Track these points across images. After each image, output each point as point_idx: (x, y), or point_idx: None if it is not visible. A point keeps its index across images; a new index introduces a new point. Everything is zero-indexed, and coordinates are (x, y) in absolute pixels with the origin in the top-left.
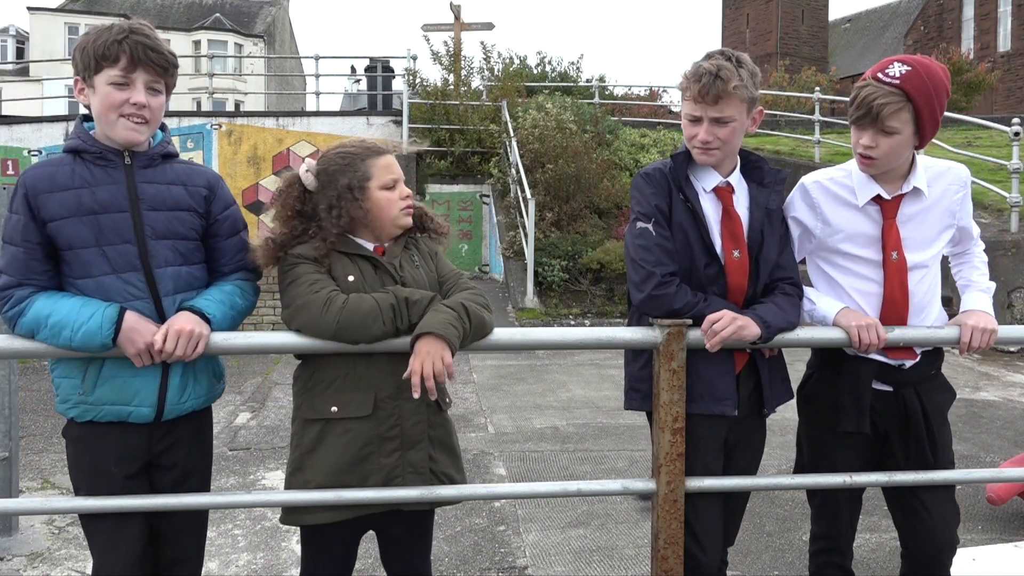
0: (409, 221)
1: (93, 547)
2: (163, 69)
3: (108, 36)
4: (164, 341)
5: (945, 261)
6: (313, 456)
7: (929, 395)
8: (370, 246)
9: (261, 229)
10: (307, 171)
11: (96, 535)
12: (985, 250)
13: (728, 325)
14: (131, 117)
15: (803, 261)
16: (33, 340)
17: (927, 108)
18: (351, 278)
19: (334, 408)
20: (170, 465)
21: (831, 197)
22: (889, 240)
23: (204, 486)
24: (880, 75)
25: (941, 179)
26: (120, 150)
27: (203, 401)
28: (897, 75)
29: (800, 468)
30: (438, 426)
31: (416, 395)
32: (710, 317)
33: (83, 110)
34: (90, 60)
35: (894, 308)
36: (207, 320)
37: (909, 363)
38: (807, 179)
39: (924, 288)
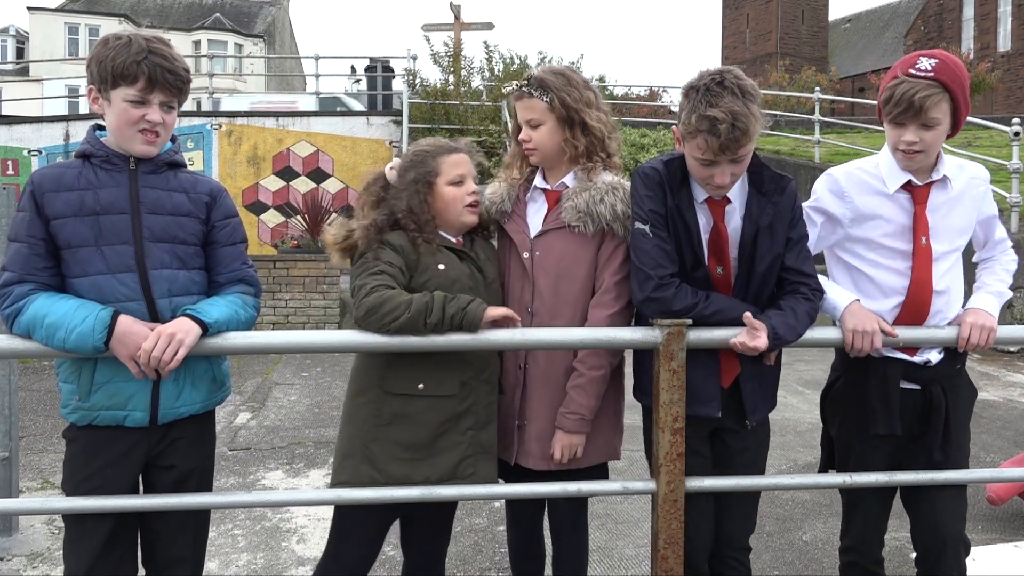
0: (474, 219)
1: (64, 544)
2: (178, 89)
3: (127, 55)
4: (153, 338)
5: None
6: (390, 429)
7: (955, 392)
8: (451, 238)
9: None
10: (391, 168)
11: (69, 531)
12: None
13: (742, 341)
14: (145, 133)
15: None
16: (31, 340)
17: (961, 95)
18: (441, 267)
19: (421, 385)
20: (168, 465)
21: (860, 185)
22: (919, 226)
23: (205, 488)
24: (912, 71)
25: (963, 172)
26: (126, 155)
27: (201, 407)
28: (929, 68)
29: (824, 467)
30: (497, 410)
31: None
32: (732, 341)
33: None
34: (107, 75)
35: (920, 296)
36: (205, 325)
37: (935, 360)
38: (834, 169)
39: (948, 280)
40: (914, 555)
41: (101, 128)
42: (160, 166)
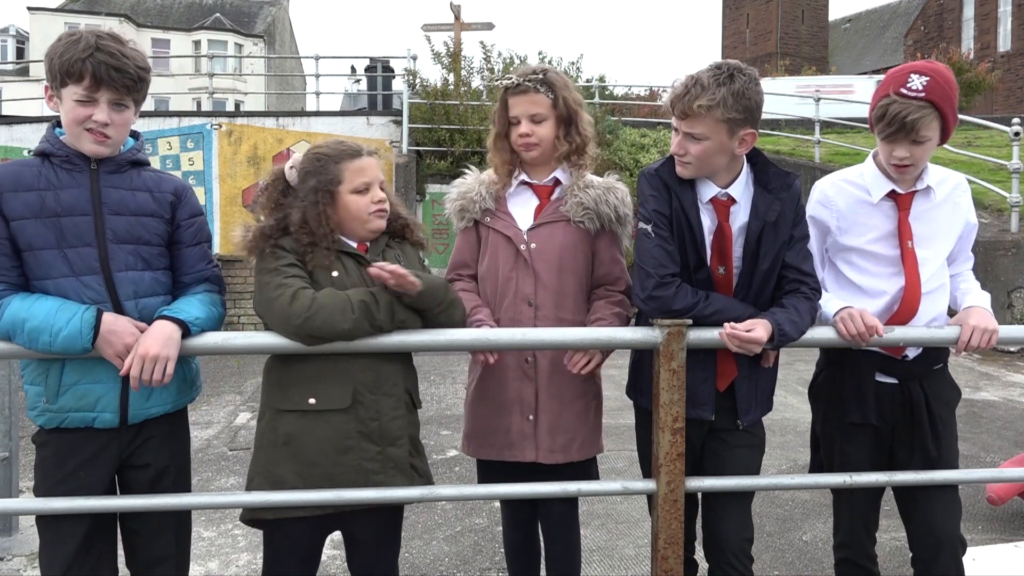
0: (380, 225)
1: (39, 549)
2: (127, 88)
3: (74, 52)
4: (138, 363)
5: None
6: (288, 448)
7: (934, 390)
8: (353, 244)
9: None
10: (291, 167)
11: (44, 536)
12: (983, 252)
13: (735, 339)
14: (93, 132)
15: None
16: (10, 342)
17: (951, 111)
18: (335, 274)
19: (312, 400)
20: (142, 464)
21: (846, 196)
22: (904, 230)
23: (183, 485)
24: (904, 90)
25: (946, 182)
26: (87, 155)
27: (172, 406)
28: (920, 88)
29: (815, 467)
30: (413, 425)
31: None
32: (721, 333)
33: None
34: (56, 73)
35: (909, 298)
36: (186, 326)
37: (912, 355)
38: (821, 181)
39: (935, 283)
40: (911, 555)
41: (60, 124)
42: (122, 165)
